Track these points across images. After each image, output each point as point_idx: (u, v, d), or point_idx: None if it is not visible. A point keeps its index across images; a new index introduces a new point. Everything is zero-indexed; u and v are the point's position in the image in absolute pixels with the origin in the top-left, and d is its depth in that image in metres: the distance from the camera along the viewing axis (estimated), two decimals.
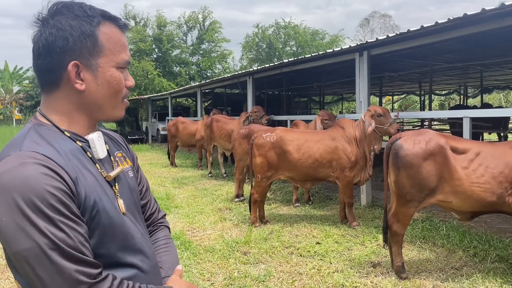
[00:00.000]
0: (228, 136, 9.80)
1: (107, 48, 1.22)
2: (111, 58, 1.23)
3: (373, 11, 51.76)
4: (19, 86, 45.78)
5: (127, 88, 1.29)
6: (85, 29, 1.18)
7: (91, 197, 1.14)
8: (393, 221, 4.13)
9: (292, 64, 9.77)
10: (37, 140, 1.14)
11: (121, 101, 1.29)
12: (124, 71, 1.28)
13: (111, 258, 1.19)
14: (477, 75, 14.00)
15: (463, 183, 3.77)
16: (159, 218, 1.55)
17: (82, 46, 1.18)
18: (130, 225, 1.27)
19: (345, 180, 5.82)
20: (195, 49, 31.08)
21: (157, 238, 1.50)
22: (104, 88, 1.23)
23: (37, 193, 1.02)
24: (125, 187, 1.31)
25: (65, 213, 1.04)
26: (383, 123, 5.64)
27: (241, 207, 7.23)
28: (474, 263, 4.46)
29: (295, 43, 30.27)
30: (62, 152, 1.14)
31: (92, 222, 1.14)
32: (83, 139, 1.24)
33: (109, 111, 1.27)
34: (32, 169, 1.04)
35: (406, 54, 9.02)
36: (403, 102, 34.95)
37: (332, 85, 17.17)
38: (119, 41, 1.25)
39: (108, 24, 1.23)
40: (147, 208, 1.52)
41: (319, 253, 4.86)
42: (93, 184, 1.17)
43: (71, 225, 1.05)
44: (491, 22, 5.24)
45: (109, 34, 1.23)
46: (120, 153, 1.41)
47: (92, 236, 1.14)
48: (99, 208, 1.16)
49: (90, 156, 1.23)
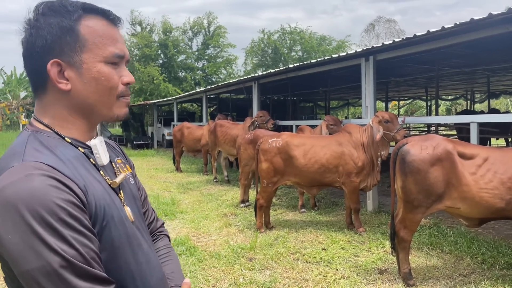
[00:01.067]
0: (232, 141, 9.78)
1: (91, 42, 1.12)
2: (97, 52, 1.13)
3: (378, 16, 51.72)
4: (26, 91, 46.09)
5: (124, 84, 1.18)
6: (64, 25, 1.10)
7: (101, 206, 1.08)
8: (400, 227, 4.09)
9: (298, 69, 9.75)
10: (39, 148, 1.08)
11: (117, 99, 1.18)
12: (119, 66, 1.18)
13: (121, 271, 1.12)
14: (484, 80, 13.93)
15: (471, 189, 3.73)
16: (158, 227, 1.49)
17: (62, 43, 1.10)
18: (138, 233, 1.22)
19: (352, 185, 5.78)
20: (201, 54, 31.18)
21: (158, 247, 1.45)
22: (91, 85, 1.13)
23: (46, 207, 0.95)
24: (128, 195, 1.26)
25: (76, 227, 0.98)
26: (391, 129, 5.61)
27: (247, 212, 7.20)
28: (482, 270, 4.40)
29: (301, 49, 30.30)
30: (67, 161, 1.07)
31: (103, 233, 1.08)
32: (85, 145, 1.18)
33: (103, 110, 1.18)
34: (39, 181, 0.97)
35: (412, 59, 8.99)
36: (409, 107, 34.84)
37: (337, 90, 17.14)
38: (106, 34, 1.15)
39: (92, 17, 1.14)
40: (146, 217, 1.44)
41: (325, 260, 4.82)
42: (101, 192, 1.11)
43: (83, 241, 0.98)
44: (498, 27, 5.21)
45: (92, 27, 1.13)
46: (119, 160, 1.35)
47: (104, 249, 1.07)
48: (109, 218, 1.10)
49: (93, 162, 1.16)
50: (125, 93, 1.19)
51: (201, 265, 4.74)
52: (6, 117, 43.76)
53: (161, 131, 23.05)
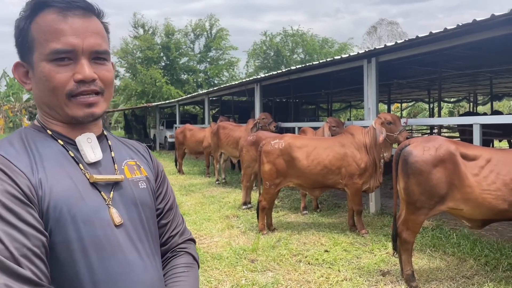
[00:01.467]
0: (235, 143, 9.79)
1: (37, 40, 1.07)
2: (40, 51, 1.07)
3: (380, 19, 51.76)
4: (28, 94, 46.26)
5: (76, 82, 1.08)
6: (21, 27, 1.10)
7: (58, 203, 1.02)
8: (403, 229, 4.07)
9: (300, 71, 9.75)
10: (13, 140, 1.08)
11: (67, 99, 1.09)
12: (74, 62, 1.08)
13: (80, 276, 1.03)
14: (486, 82, 13.90)
15: (474, 190, 3.71)
16: (180, 243, 1.33)
17: (22, 44, 1.10)
18: (123, 240, 1.10)
19: (354, 187, 5.77)
20: (203, 57, 31.24)
21: (172, 265, 1.29)
22: (39, 85, 1.10)
23: None
24: (126, 198, 1.16)
25: (9, 220, 0.92)
26: (393, 130, 5.60)
27: (249, 214, 7.20)
28: (485, 272, 4.38)
29: (303, 51, 30.31)
30: (36, 154, 1.06)
31: (57, 231, 1.01)
32: (69, 139, 1.14)
33: (59, 110, 1.11)
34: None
35: (415, 61, 8.98)
36: (412, 110, 34.79)
37: (340, 93, 17.14)
38: (49, 29, 1.06)
39: (45, 12, 1.07)
40: (166, 229, 1.32)
41: (327, 261, 4.81)
42: (66, 189, 1.04)
43: (14, 235, 0.91)
44: (501, 28, 5.20)
45: (39, 24, 1.07)
46: (133, 162, 1.26)
47: (59, 248, 1.01)
48: (68, 216, 1.02)
49: (72, 155, 1.11)
50: (76, 91, 1.08)
51: (203, 267, 4.73)
52: (9, 120, 43.91)
53: (163, 133, 23.08)
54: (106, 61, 1.14)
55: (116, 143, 1.29)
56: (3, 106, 43.47)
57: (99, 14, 1.15)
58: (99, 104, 1.13)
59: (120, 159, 1.23)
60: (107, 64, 1.14)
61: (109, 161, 1.19)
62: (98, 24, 1.13)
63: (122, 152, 1.26)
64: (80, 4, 1.09)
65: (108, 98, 1.16)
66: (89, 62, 1.10)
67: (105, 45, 1.13)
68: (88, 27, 1.09)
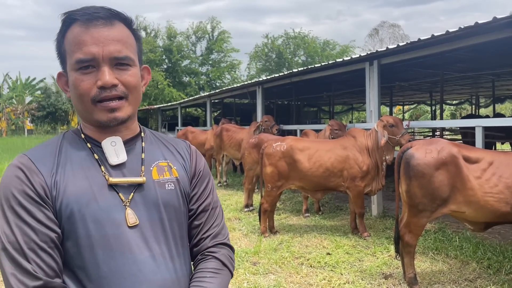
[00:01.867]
0: (238, 145, 9.80)
1: (68, 52, 1.17)
2: (69, 61, 1.17)
3: (382, 21, 51.71)
4: (31, 96, 46.39)
5: (98, 88, 1.14)
6: (57, 40, 1.20)
7: (69, 203, 1.10)
8: (405, 232, 4.07)
9: (302, 73, 9.76)
10: (48, 143, 1.21)
11: (93, 105, 1.16)
12: (97, 69, 1.14)
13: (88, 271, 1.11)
14: (489, 84, 13.89)
15: (476, 193, 3.70)
16: (209, 246, 1.30)
17: (60, 57, 1.21)
18: (135, 241, 1.14)
19: (356, 189, 5.76)
20: (205, 59, 31.29)
21: (199, 269, 1.28)
22: (71, 93, 1.20)
23: (5, 194, 1.08)
24: (148, 199, 1.20)
25: (23, 217, 1.06)
26: (395, 133, 5.59)
27: (251, 217, 7.19)
28: (488, 275, 4.37)
29: (304, 53, 30.34)
30: (63, 156, 1.17)
31: (67, 228, 1.11)
32: (97, 142, 1.22)
33: (86, 115, 1.20)
34: (10, 172, 1.12)
35: (417, 63, 8.98)
36: (414, 112, 34.76)
37: (342, 95, 17.14)
38: (74, 40, 1.15)
39: (73, 26, 1.16)
40: (198, 231, 1.31)
41: (329, 264, 4.80)
42: (80, 189, 1.12)
43: (25, 230, 1.05)
44: (503, 31, 5.19)
45: (69, 37, 1.17)
46: (164, 163, 1.28)
47: (69, 244, 1.11)
48: (78, 215, 1.10)
49: (97, 158, 1.20)
50: (99, 97, 1.15)
51: None
52: (11, 122, 44.03)
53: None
54: (129, 66, 1.18)
55: (153, 143, 1.32)
56: (6, 108, 43.57)
57: (126, 21, 1.21)
58: (123, 108, 1.18)
59: (150, 160, 1.26)
60: (130, 69, 1.19)
61: (137, 162, 1.24)
62: (121, 32, 1.18)
63: (155, 153, 1.30)
64: (101, 15, 1.15)
65: (133, 102, 1.21)
66: (111, 68, 1.15)
67: (127, 51, 1.18)
68: (109, 35, 1.15)
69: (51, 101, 44.15)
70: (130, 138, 1.26)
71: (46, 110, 44.29)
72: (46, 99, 44.48)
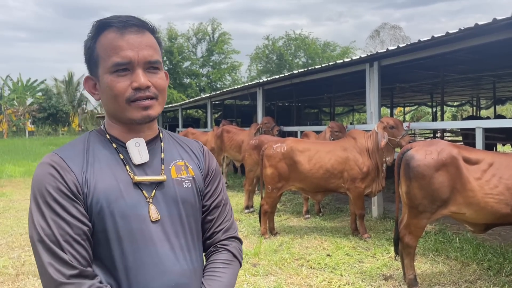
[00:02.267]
0: (238, 147, 9.81)
1: (101, 56, 1.26)
2: (104, 65, 1.26)
3: (383, 23, 51.70)
4: (32, 98, 46.44)
5: (133, 89, 1.25)
6: (88, 45, 1.29)
7: (99, 199, 1.20)
8: (405, 233, 4.06)
9: (302, 75, 9.76)
10: (76, 143, 1.31)
11: (127, 104, 1.25)
12: (131, 72, 1.25)
13: (114, 262, 1.22)
14: (489, 86, 13.86)
15: (476, 194, 3.70)
16: (222, 239, 1.44)
17: (90, 61, 1.30)
18: (157, 234, 1.26)
19: (356, 191, 5.76)
20: (205, 61, 31.30)
21: (212, 260, 1.41)
22: (104, 95, 1.29)
23: (40, 190, 1.18)
24: (168, 196, 1.31)
25: (57, 211, 1.16)
26: (396, 135, 5.59)
27: (251, 218, 7.19)
28: (488, 276, 4.37)
29: (305, 55, 30.34)
30: (91, 155, 1.27)
31: (97, 223, 1.21)
32: (122, 142, 1.32)
33: (120, 115, 1.29)
34: (43, 169, 1.20)
35: (417, 65, 8.97)
36: (415, 114, 34.75)
37: (342, 97, 17.12)
38: (110, 45, 1.25)
39: (106, 32, 1.26)
40: (212, 225, 1.44)
41: (329, 266, 4.80)
42: (108, 187, 1.22)
43: (60, 224, 1.15)
44: (503, 32, 5.19)
45: (102, 42, 1.26)
46: (182, 162, 1.39)
47: (98, 237, 1.21)
48: (107, 210, 1.21)
49: (122, 158, 1.29)
50: (134, 97, 1.25)
51: None
52: (13, 124, 44.06)
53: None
54: (158, 70, 1.30)
55: (170, 144, 1.43)
56: (7, 110, 43.62)
57: (152, 30, 1.32)
58: (154, 107, 1.29)
59: (169, 160, 1.37)
60: (159, 72, 1.31)
61: (157, 162, 1.34)
62: (151, 38, 1.31)
63: (173, 153, 1.40)
64: (135, 23, 1.27)
65: (162, 102, 1.32)
66: (144, 71, 1.26)
67: (157, 56, 1.30)
68: (142, 41, 1.26)
69: (52, 103, 44.21)
70: (151, 138, 1.36)
71: (47, 112, 44.35)
72: (47, 100, 44.55)
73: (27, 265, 4.98)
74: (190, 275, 1.30)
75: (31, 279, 4.55)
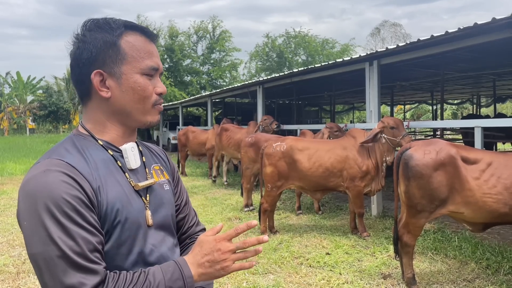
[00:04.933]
0: (236, 145, 9.85)
1: (130, 55, 1.26)
2: (135, 65, 1.26)
3: (383, 20, 51.62)
4: (33, 95, 46.43)
5: (158, 94, 1.31)
6: (107, 40, 1.25)
7: (114, 207, 1.19)
8: (404, 232, 4.08)
9: (302, 73, 9.77)
10: (69, 148, 1.23)
11: (151, 107, 1.30)
12: (154, 78, 1.31)
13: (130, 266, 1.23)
14: (490, 84, 13.86)
15: (474, 193, 3.72)
16: (197, 231, 1.55)
17: (106, 56, 1.24)
18: (154, 237, 1.29)
19: (356, 190, 5.77)
20: (206, 58, 31.28)
21: (191, 244, 1.51)
22: (129, 94, 1.27)
23: (54, 200, 1.08)
24: (157, 200, 1.34)
25: (78, 221, 1.09)
26: (396, 135, 5.58)
27: (251, 216, 7.21)
28: (487, 275, 4.38)
29: (304, 53, 30.30)
30: (91, 161, 1.21)
31: (114, 231, 1.19)
32: (117, 148, 1.30)
33: (138, 117, 1.30)
34: (53, 177, 1.11)
35: (417, 63, 8.98)
36: (415, 112, 34.74)
37: (343, 95, 17.14)
38: (143, 48, 1.28)
39: (132, 33, 1.28)
40: (186, 221, 1.53)
41: (328, 264, 4.82)
42: (118, 194, 1.22)
43: (82, 234, 1.09)
44: (502, 31, 5.19)
45: (132, 42, 1.27)
46: (157, 166, 1.44)
47: (111, 245, 1.19)
48: (122, 218, 1.20)
49: (120, 165, 1.28)
50: (158, 101, 1.31)
51: None
52: (13, 121, 44.09)
53: (166, 135, 23.14)
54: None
55: (144, 148, 1.45)
56: (7, 107, 43.65)
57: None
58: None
59: (148, 164, 1.40)
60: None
61: (142, 166, 1.36)
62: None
63: (149, 157, 1.43)
64: (155, 34, 1.34)
65: None
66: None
67: None
68: (157, 52, 1.34)
69: (53, 100, 44.20)
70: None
71: (48, 109, 44.35)
72: (47, 98, 44.55)
73: (27, 263, 5.00)
74: None
75: (31, 277, 4.57)
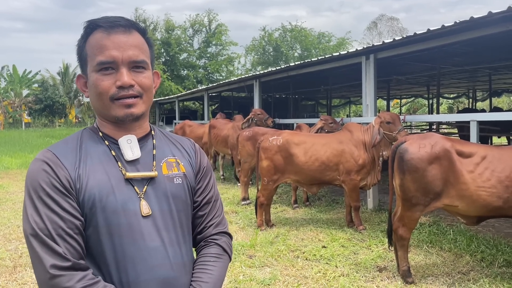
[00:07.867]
0: (224, 142, 9.94)
1: (89, 55, 1.31)
2: (91, 63, 1.30)
3: (380, 14, 51.63)
4: (28, 89, 46.18)
5: (117, 87, 1.28)
6: (79, 45, 1.34)
7: (92, 195, 1.24)
8: (399, 225, 4.11)
9: (299, 67, 9.77)
10: (69, 140, 1.35)
11: (110, 102, 1.30)
12: (116, 71, 1.28)
13: (105, 256, 1.26)
14: (485, 78, 13.90)
15: (469, 187, 3.74)
16: (212, 234, 1.47)
17: (81, 60, 1.35)
18: (147, 229, 1.29)
19: (351, 183, 5.79)
20: (202, 52, 31.17)
21: (202, 254, 1.45)
22: (91, 92, 1.33)
23: (33, 186, 1.22)
24: (159, 192, 1.34)
25: (50, 206, 1.20)
26: (392, 130, 5.61)
27: (247, 210, 7.23)
28: (481, 267, 4.42)
29: (300, 46, 30.25)
30: (83, 152, 1.30)
31: (90, 218, 1.25)
32: (114, 140, 1.35)
33: (105, 112, 1.33)
34: (36, 165, 1.25)
35: (414, 57, 8.98)
36: (411, 106, 34.79)
37: (339, 89, 17.13)
38: (97, 45, 1.29)
39: (94, 32, 1.31)
40: (201, 221, 1.47)
41: (325, 257, 4.85)
42: (100, 183, 1.26)
43: (53, 218, 1.19)
44: (498, 25, 5.20)
45: (90, 41, 1.31)
46: (173, 159, 1.43)
47: (90, 231, 1.25)
48: (99, 206, 1.24)
49: (114, 154, 1.33)
50: (117, 95, 1.29)
51: None
52: (9, 115, 43.88)
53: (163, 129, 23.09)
54: (144, 70, 1.33)
55: (162, 141, 1.46)
56: (3, 101, 43.41)
57: (142, 31, 1.36)
58: (138, 105, 1.32)
59: (160, 156, 1.40)
60: (145, 72, 1.33)
61: (149, 158, 1.38)
62: (138, 39, 1.34)
63: (165, 150, 1.44)
64: (121, 23, 1.30)
65: (147, 101, 1.36)
66: (129, 70, 1.30)
67: (143, 56, 1.33)
68: (127, 41, 1.30)
69: (49, 94, 43.99)
70: (142, 136, 1.40)
71: (44, 103, 44.14)
72: (43, 92, 44.32)
73: (24, 257, 5.01)
74: (179, 269, 1.34)
75: (28, 271, 4.58)
